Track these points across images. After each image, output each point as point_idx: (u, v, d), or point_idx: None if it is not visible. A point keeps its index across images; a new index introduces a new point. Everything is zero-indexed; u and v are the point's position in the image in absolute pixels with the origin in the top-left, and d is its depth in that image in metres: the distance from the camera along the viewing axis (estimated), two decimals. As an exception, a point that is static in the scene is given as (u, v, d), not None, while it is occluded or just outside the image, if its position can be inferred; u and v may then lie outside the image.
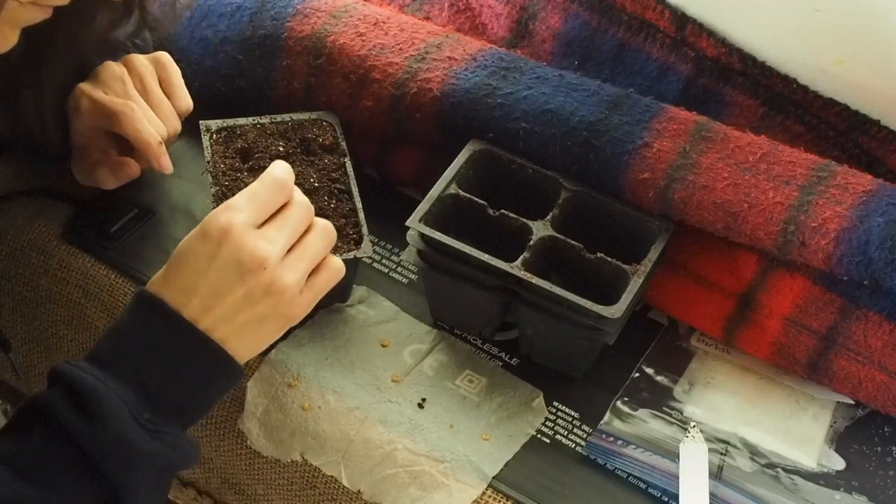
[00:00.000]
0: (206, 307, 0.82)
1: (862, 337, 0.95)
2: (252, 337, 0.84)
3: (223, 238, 0.83)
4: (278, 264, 0.84)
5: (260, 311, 0.83)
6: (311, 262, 0.86)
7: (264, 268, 0.83)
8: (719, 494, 0.91)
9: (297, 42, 1.08)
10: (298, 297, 0.85)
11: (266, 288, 0.83)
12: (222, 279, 0.82)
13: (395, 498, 0.92)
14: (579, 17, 1.11)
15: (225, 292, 0.82)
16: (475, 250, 0.94)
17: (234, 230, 0.83)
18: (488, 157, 1.02)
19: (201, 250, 0.83)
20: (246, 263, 0.82)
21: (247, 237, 0.83)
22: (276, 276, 0.83)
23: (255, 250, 0.83)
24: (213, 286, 0.82)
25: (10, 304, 1.07)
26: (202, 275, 0.82)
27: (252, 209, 0.84)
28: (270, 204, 0.85)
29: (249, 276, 0.83)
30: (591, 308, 0.91)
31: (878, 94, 1.02)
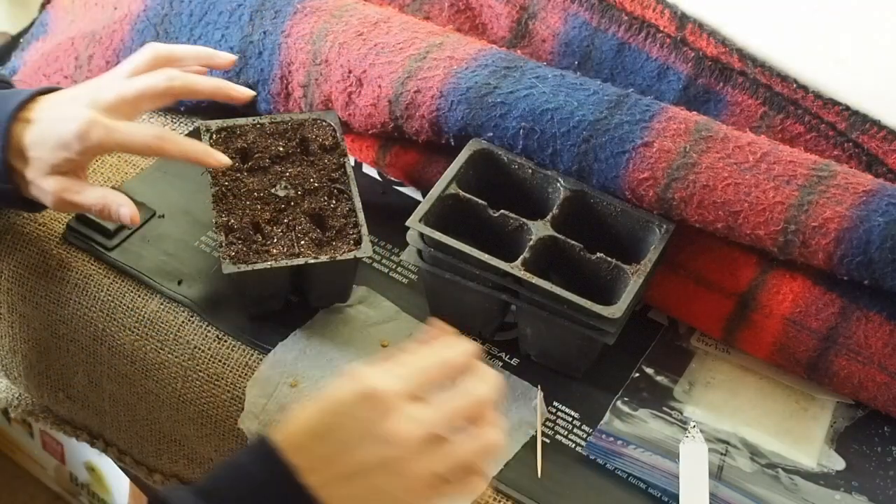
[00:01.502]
0: (331, 461, 0.74)
1: (862, 337, 0.95)
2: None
3: (373, 400, 0.74)
4: (413, 443, 0.74)
5: (378, 485, 0.74)
6: (454, 464, 0.75)
7: (394, 442, 0.73)
8: (719, 494, 0.91)
9: (297, 41, 1.08)
10: (424, 490, 0.75)
11: (387, 463, 0.74)
12: (358, 439, 0.74)
13: (395, 498, 0.92)
14: (579, 17, 1.11)
15: (356, 454, 0.74)
16: (475, 250, 0.94)
17: (386, 396, 0.74)
18: (488, 157, 1.02)
19: (356, 416, 0.75)
20: (382, 432, 0.74)
21: (398, 406, 0.74)
22: (404, 455, 0.74)
23: (397, 421, 0.74)
24: (345, 444, 0.74)
25: (9, 304, 1.07)
26: (346, 444, 0.74)
27: (410, 377, 0.76)
28: (430, 379, 0.76)
29: (384, 446, 0.74)
30: (592, 308, 0.91)
31: (878, 94, 1.02)
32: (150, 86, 0.96)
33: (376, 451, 0.73)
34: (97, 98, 0.95)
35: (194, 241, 1.05)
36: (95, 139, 0.92)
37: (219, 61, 1.02)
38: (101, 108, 0.94)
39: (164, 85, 0.96)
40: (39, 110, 0.95)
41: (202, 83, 0.99)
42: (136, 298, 1.02)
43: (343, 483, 0.74)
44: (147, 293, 1.02)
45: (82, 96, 0.96)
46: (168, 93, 0.97)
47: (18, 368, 1.12)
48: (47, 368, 1.09)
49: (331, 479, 0.73)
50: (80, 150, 0.93)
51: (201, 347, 0.99)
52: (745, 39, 1.06)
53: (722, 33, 1.06)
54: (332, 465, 0.74)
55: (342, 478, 0.74)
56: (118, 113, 0.95)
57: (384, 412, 0.74)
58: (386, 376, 0.75)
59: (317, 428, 0.75)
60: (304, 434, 0.75)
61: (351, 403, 0.74)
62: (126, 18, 1.18)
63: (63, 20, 1.24)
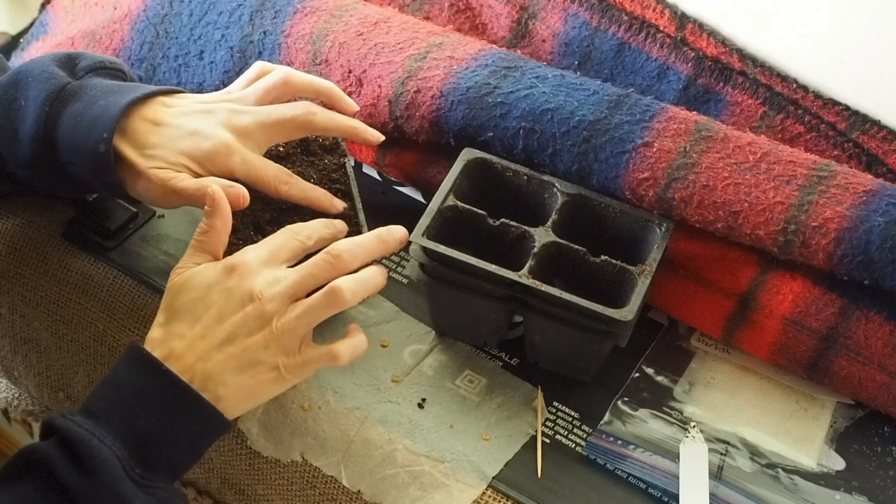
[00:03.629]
0: (206, 335, 0.84)
1: (862, 337, 0.95)
2: (246, 380, 0.85)
3: (234, 270, 0.86)
4: (276, 300, 0.85)
5: (254, 348, 0.84)
6: (309, 314, 0.86)
7: (260, 298, 0.85)
8: (719, 494, 0.91)
9: (297, 41, 1.09)
10: (295, 347, 0.86)
11: (259, 319, 0.85)
12: (226, 306, 0.85)
13: (395, 498, 0.92)
14: (579, 17, 1.11)
15: (225, 320, 0.85)
16: (482, 261, 0.93)
17: (245, 263, 0.86)
18: (482, 166, 1.01)
19: (213, 280, 0.86)
20: (248, 291, 0.85)
21: (256, 269, 0.86)
22: (269, 310, 0.85)
23: (258, 282, 0.85)
24: (217, 313, 0.85)
25: (9, 304, 1.07)
26: (209, 303, 0.85)
27: (265, 248, 0.88)
28: (287, 247, 0.88)
29: (249, 305, 0.85)
30: (604, 312, 0.90)
31: (878, 94, 1.02)
32: (290, 118, 0.96)
33: (243, 312, 0.84)
34: (234, 121, 0.94)
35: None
36: (228, 164, 0.93)
37: (347, 106, 1.01)
38: (238, 132, 0.94)
39: (304, 119, 0.96)
40: (167, 114, 0.94)
41: (340, 122, 0.98)
42: (136, 298, 1.02)
43: (217, 351, 0.84)
44: (147, 293, 1.02)
45: (218, 112, 0.95)
46: (306, 127, 0.97)
47: (18, 368, 1.12)
48: (47, 368, 1.09)
49: (204, 353, 0.84)
50: (207, 169, 0.93)
51: (201, 347, 0.99)
52: (745, 39, 1.06)
53: (722, 33, 1.06)
54: (204, 339, 0.84)
55: (214, 347, 0.84)
56: (251, 140, 0.95)
57: (244, 276, 0.85)
58: (242, 252, 0.87)
59: (186, 310, 0.85)
60: (176, 320, 0.85)
61: (213, 278, 0.86)
62: (126, 18, 1.18)
63: (63, 20, 1.24)
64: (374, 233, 0.91)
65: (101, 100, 0.93)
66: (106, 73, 0.99)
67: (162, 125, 0.93)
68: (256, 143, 0.95)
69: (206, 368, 0.84)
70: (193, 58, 1.14)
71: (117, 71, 1.00)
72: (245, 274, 0.86)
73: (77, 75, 0.97)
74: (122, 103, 0.92)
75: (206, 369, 0.84)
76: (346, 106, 1.01)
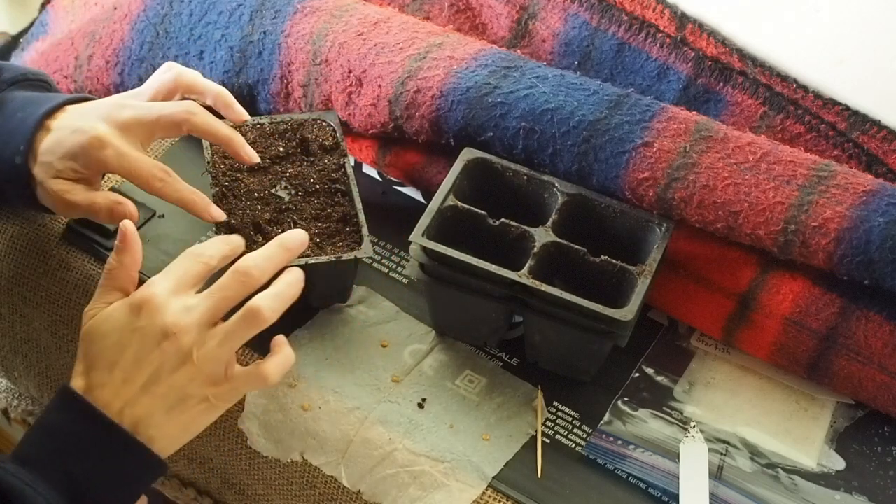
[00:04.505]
0: (128, 379, 0.82)
1: (862, 337, 0.95)
2: (176, 417, 0.83)
3: (141, 308, 0.83)
4: (192, 332, 0.83)
5: (179, 384, 0.82)
6: (230, 339, 0.83)
7: (175, 333, 0.82)
8: (719, 494, 0.91)
9: (297, 41, 1.08)
10: (221, 374, 0.84)
11: (178, 354, 0.82)
12: (142, 347, 0.83)
13: (395, 498, 0.92)
14: (579, 17, 1.11)
15: (144, 361, 0.82)
16: (482, 261, 0.93)
17: (153, 299, 0.83)
18: (482, 166, 1.01)
19: (123, 322, 0.83)
20: (162, 328, 0.82)
21: (165, 303, 0.83)
22: (186, 343, 0.82)
23: (170, 317, 0.83)
24: (134, 356, 0.82)
25: (9, 304, 1.07)
26: (123, 346, 0.83)
27: (169, 279, 0.85)
28: (191, 272, 0.86)
29: (165, 342, 0.82)
30: (604, 312, 0.90)
31: (878, 94, 1.02)
32: (168, 114, 0.95)
33: (162, 349, 0.82)
34: (115, 115, 0.95)
35: (194, 241, 1.05)
36: (101, 157, 0.93)
37: (233, 114, 1.00)
38: (116, 126, 0.94)
39: (182, 118, 0.95)
40: (62, 119, 0.95)
41: (219, 129, 0.97)
42: (136, 298, 1.02)
43: (142, 393, 0.82)
44: (147, 293, 1.02)
45: (102, 108, 0.96)
46: (184, 126, 0.96)
47: (18, 368, 1.12)
48: (47, 368, 1.09)
49: (130, 397, 0.82)
50: (85, 164, 0.93)
51: (201, 347, 0.99)
52: (745, 39, 1.06)
53: (722, 33, 1.06)
54: (127, 383, 0.82)
55: (139, 390, 0.82)
56: (132, 134, 0.95)
57: (153, 313, 0.83)
58: (147, 285, 0.84)
59: (103, 357, 0.83)
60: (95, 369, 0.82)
61: (123, 320, 0.83)
62: (126, 18, 1.18)
63: (63, 20, 1.24)
64: (275, 241, 0.89)
65: (20, 112, 0.95)
66: (29, 84, 1.00)
67: (54, 130, 0.94)
68: (137, 138, 0.95)
69: (135, 413, 0.82)
70: (193, 58, 1.14)
71: (41, 82, 1.02)
72: (154, 310, 0.83)
73: (0, 88, 0.98)
74: (37, 115, 0.94)
75: (134, 413, 0.82)
76: (233, 114, 1.00)
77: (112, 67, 1.17)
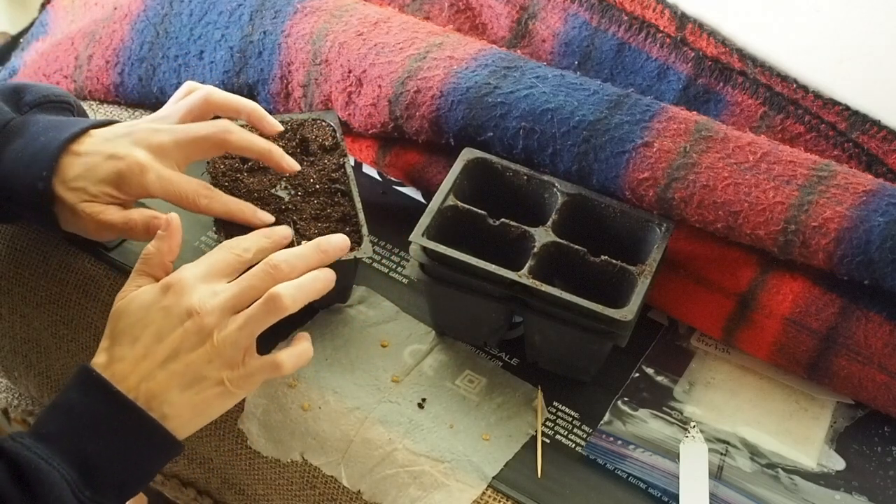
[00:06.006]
0: (147, 354, 0.84)
1: (862, 337, 0.95)
2: (191, 397, 0.84)
3: (170, 288, 0.85)
4: (215, 314, 0.84)
5: (196, 363, 0.84)
6: (250, 324, 0.85)
7: (199, 313, 0.84)
8: (719, 494, 0.91)
9: (298, 41, 1.08)
10: (239, 359, 0.85)
11: (199, 334, 0.84)
12: (165, 323, 0.84)
13: (395, 498, 0.92)
14: (579, 17, 1.11)
15: (166, 338, 0.84)
16: (482, 261, 0.93)
17: (182, 280, 0.85)
18: (482, 166, 1.01)
19: (150, 300, 0.86)
20: (187, 307, 0.84)
21: (193, 285, 0.85)
22: (208, 323, 0.84)
23: (196, 298, 0.85)
24: (157, 332, 0.84)
25: (9, 304, 1.07)
26: (147, 322, 0.85)
27: (202, 266, 0.87)
28: (224, 262, 0.88)
29: (188, 321, 0.84)
30: (604, 312, 0.90)
31: (878, 94, 1.02)
32: (206, 135, 0.96)
33: (184, 328, 0.84)
34: (151, 140, 0.95)
35: (195, 241, 1.05)
36: (143, 182, 0.93)
37: (267, 127, 1.00)
38: (152, 150, 0.94)
39: (221, 137, 0.95)
40: (91, 144, 0.95)
41: (258, 143, 0.97)
42: (136, 298, 1.02)
43: (160, 370, 0.83)
44: (147, 293, 1.02)
45: (135, 133, 0.95)
46: (222, 146, 0.96)
47: (18, 368, 1.12)
48: (47, 368, 1.09)
49: (147, 373, 0.83)
50: (125, 191, 0.94)
51: (201, 347, 0.99)
52: (745, 39, 1.06)
53: (722, 33, 1.06)
54: (146, 358, 0.83)
55: (157, 366, 0.83)
56: (169, 158, 0.95)
57: (180, 294, 0.85)
58: (179, 270, 0.86)
59: (127, 333, 0.85)
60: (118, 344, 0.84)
61: (150, 299, 0.85)
62: (126, 18, 1.18)
63: (63, 20, 1.24)
64: (313, 242, 0.91)
65: (42, 136, 0.94)
66: (51, 106, 1.00)
67: (83, 155, 0.94)
68: (174, 161, 0.95)
69: (150, 388, 0.83)
70: (193, 58, 1.14)
71: (63, 103, 1.01)
72: (182, 291, 0.85)
73: (22, 110, 0.98)
74: (60, 140, 0.94)
75: (150, 388, 0.83)
76: (268, 126, 1.00)
77: (112, 67, 1.17)
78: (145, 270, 0.88)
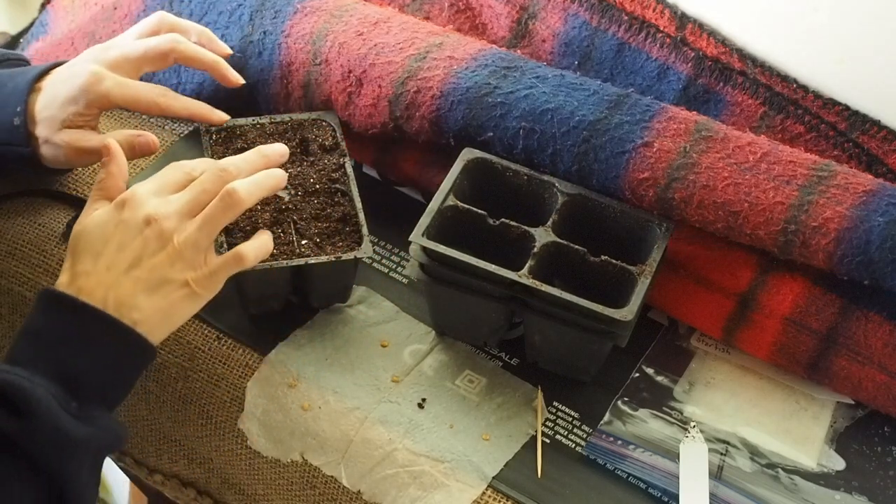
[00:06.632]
0: (111, 266, 0.86)
1: (862, 337, 0.95)
2: (158, 301, 0.86)
3: (125, 203, 0.88)
4: (172, 218, 0.87)
5: (159, 266, 0.86)
6: (209, 222, 0.88)
7: (157, 219, 0.86)
8: (719, 494, 0.91)
9: (298, 41, 1.08)
10: (201, 259, 0.88)
11: (160, 239, 0.87)
12: (125, 235, 0.87)
13: (395, 498, 0.92)
14: (579, 17, 1.11)
15: (127, 247, 0.86)
16: (482, 261, 0.93)
17: (135, 195, 0.89)
18: (482, 166, 1.01)
19: (107, 218, 0.88)
20: (144, 216, 0.87)
21: (147, 198, 0.88)
22: (167, 228, 0.87)
23: (152, 206, 0.87)
24: (118, 244, 0.86)
25: (9, 303, 1.07)
26: (108, 238, 0.87)
27: (152, 182, 0.90)
28: (173, 179, 0.90)
29: (147, 229, 0.87)
30: (604, 312, 0.90)
31: (878, 94, 1.02)
32: (153, 46, 1.01)
33: (144, 236, 0.86)
34: (103, 56, 1.02)
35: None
36: (103, 90, 0.98)
37: (217, 48, 1.06)
38: (105, 65, 1.00)
39: (168, 46, 1.01)
40: (51, 78, 1.01)
41: (203, 53, 1.03)
42: (136, 298, 1.02)
43: (124, 277, 0.86)
44: (147, 293, 1.02)
45: (88, 55, 1.02)
46: (170, 55, 1.02)
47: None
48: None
49: (113, 282, 0.85)
50: (87, 103, 0.98)
51: (201, 347, 0.99)
52: (745, 39, 1.06)
53: (722, 33, 1.06)
54: (110, 269, 0.86)
55: (122, 274, 0.86)
56: (121, 70, 1.00)
57: (137, 206, 0.87)
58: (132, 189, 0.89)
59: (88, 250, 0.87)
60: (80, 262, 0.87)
61: (109, 216, 0.88)
62: (126, 18, 1.18)
63: (63, 20, 1.24)
64: (254, 150, 0.95)
65: (10, 82, 1.01)
66: (10, 64, 1.07)
67: (46, 88, 1.00)
68: (127, 73, 1.01)
69: (118, 295, 0.85)
70: (193, 58, 1.14)
71: (22, 61, 1.09)
72: (137, 204, 0.88)
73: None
74: (28, 78, 1.00)
75: (117, 296, 0.85)
76: (218, 48, 1.06)
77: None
78: (101, 195, 0.91)
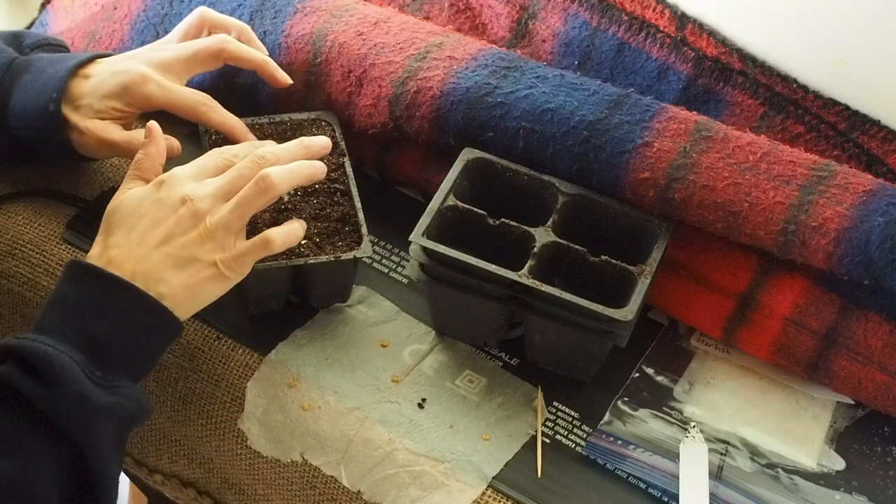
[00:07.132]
0: (142, 240, 0.87)
1: (862, 337, 0.95)
2: (185, 279, 0.87)
3: (163, 183, 0.90)
4: (207, 200, 0.89)
5: (189, 245, 0.87)
6: (241, 206, 0.89)
7: (192, 199, 0.88)
8: (719, 494, 0.91)
9: (297, 41, 1.09)
10: (231, 242, 0.89)
11: (193, 218, 0.88)
12: (159, 211, 0.89)
13: (395, 498, 0.92)
14: (579, 17, 1.11)
15: (160, 224, 0.88)
16: (482, 261, 0.93)
17: (173, 176, 0.90)
18: (482, 166, 1.01)
19: (144, 195, 0.90)
20: (180, 196, 0.89)
21: (185, 180, 0.90)
22: (201, 208, 0.88)
23: (188, 188, 0.89)
24: (151, 219, 0.88)
25: (9, 303, 1.07)
26: (143, 213, 0.89)
27: (192, 166, 0.92)
28: (213, 164, 0.92)
29: (182, 208, 0.88)
30: (604, 312, 0.90)
31: (878, 94, 1.02)
32: (204, 47, 1.03)
33: (178, 214, 0.88)
34: (153, 57, 1.02)
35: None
36: (146, 91, 0.99)
37: (258, 46, 1.07)
38: (156, 66, 1.01)
39: (218, 47, 1.03)
40: (96, 67, 1.01)
41: (253, 53, 1.05)
42: (136, 298, 1.02)
43: (154, 252, 0.87)
44: (147, 293, 1.02)
45: (139, 55, 1.03)
46: (220, 55, 1.04)
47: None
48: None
49: (143, 256, 0.87)
50: (128, 101, 1.00)
51: (201, 347, 0.99)
52: (745, 39, 1.06)
53: (722, 33, 1.06)
54: (141, 244, 0.87)
55: (152, 249, 0.87)
56: (171, 72, 1.02)
57: (173, 186, 0.89)
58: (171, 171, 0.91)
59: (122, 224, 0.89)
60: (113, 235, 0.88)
61: (145, 194, 0.90)
62: (126, 18, 1.18)
63: (63, 20, 1.24)
64: (296, 140, 0.95)
65: (49, 68, 1.01)
66: (50, 48, 1.07)
67: (91, 76, 1.01)
68: (176, 75, 1.02)
69: (146, 268, 0.86)
70: (193, 58, 1.14)
71: (60, 47, 1.09)
72: (174, 185, 0.89)
73: (24, 52, 1.05)
74: (69, 66, 1.00)
75: (146, 269, 0.86)
76: (258, 45, 1.08)
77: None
78: (138, 175, 0.93)
